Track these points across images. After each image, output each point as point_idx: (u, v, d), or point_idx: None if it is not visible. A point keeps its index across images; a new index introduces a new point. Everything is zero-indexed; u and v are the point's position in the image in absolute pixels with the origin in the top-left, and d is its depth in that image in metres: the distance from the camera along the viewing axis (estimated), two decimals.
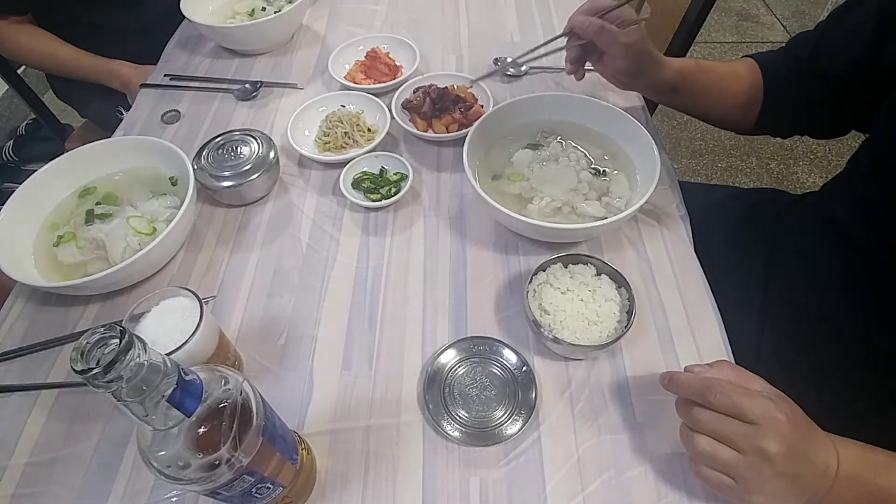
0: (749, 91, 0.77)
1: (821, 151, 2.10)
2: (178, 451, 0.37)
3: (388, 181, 0.80)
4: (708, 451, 0.48)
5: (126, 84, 1.17)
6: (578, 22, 0.73)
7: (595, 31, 0.71)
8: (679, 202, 0.78)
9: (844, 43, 0.67)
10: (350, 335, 0.66)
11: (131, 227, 0.72)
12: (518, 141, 0.81)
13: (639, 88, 0.82)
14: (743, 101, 0.78)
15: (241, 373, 0.43)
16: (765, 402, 0.46)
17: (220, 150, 0.79)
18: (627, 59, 0.73)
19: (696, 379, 0.50)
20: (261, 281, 0.72)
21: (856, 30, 0.65)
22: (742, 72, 0.78)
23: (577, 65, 0.80)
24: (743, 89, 0.78)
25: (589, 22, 0.71)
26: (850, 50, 0.66)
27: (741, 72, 0.78)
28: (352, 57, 1.00)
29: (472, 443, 0.57)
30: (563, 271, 0.64)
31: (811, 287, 0.72)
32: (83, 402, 0.62)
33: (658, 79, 0.76)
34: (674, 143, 2.16)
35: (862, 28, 0.65)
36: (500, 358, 0.62)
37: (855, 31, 0.66)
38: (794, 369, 0.70)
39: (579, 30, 0.73)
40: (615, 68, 0.76)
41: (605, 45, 0.72)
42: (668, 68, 0.76)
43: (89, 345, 0.32)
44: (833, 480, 0.47)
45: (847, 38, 0.67)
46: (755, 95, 0.77)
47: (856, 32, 0.65)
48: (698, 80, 0.78)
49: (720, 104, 0.80)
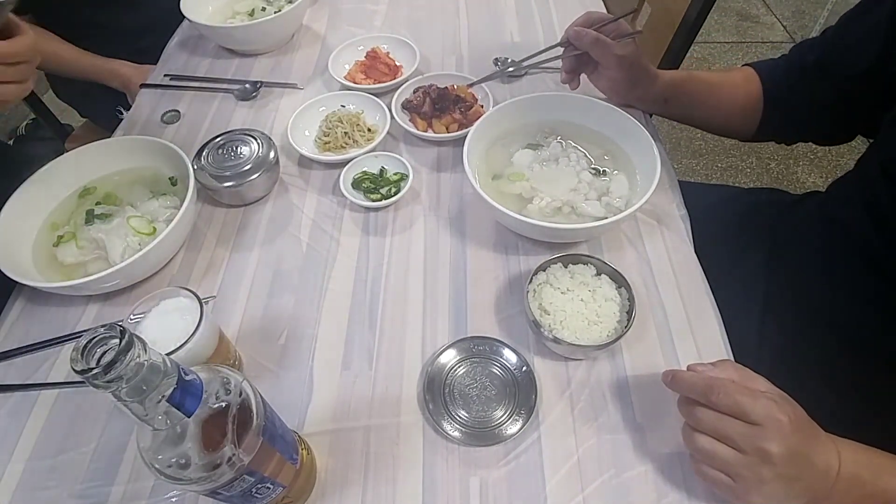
0: (747, 99, 0.78)
1: (821, 151, 2.10)
2: (178, 452, 0.37)
3: (388, 181, 0.80)
4: (708, 450, 0.48)
5: (126, 84, 1.17)
6: (574, 33, 0.75)
7: (590, 43, 0.73)
8: (679, 202, 0.78)
9: (855, 49, 0.67)
10: (350, 335, 0.66)
11: (131, 227, 0.72)
12: (518, 141, 0.81)
13: (632, 101, 0.83)
14: (741, 110, 0.79)
15: (241, 373, 0.43)
16: (767, 403, 0.46)
17: (220, 150, 0.79)
18: (621, 70, 0.75)
19: (699, 378, 0.50)
20: (261, 281, 0.72)
21: (867, 36, 0.65)
22: (738, 80, 0.79)
23: (573, 74, 0.82)
24: (740, 98, 0.78)
25: (585, 33, 0.73)
26: (861, 56, 0.66)
27: (737, 80, 0.79)
28: (352, 57, 1.00)
29: (472, 443, 0.57)
30: (563, 271, 0.64)
31: (816, 287, 0.72)
32: (83, 402, 0.62)
33: (651, 91, 0.78)
34: (674, 143, 2.16)
35: (874, 34, 0.64)
36: (500, 358, 0.62)
37: (866, 37, 0.66)
38: (796, 369, 0.69)
39: (575, 40, 0.75)
40: (609, 79, 0.78)
41: (599, 56, 0.75)
42: (662, 80, 0.78)
43: (89, 345, 0.32)
44: (834, 482, 0.47)
45: (858, 44, 0.67)
46: (754, 103, 0.77)
47: (867, 38, 0.65)
48: (690, 91, 0.80)
49: (715, 113, 0.82)
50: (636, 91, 0.79)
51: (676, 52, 1.15)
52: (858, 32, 0.68)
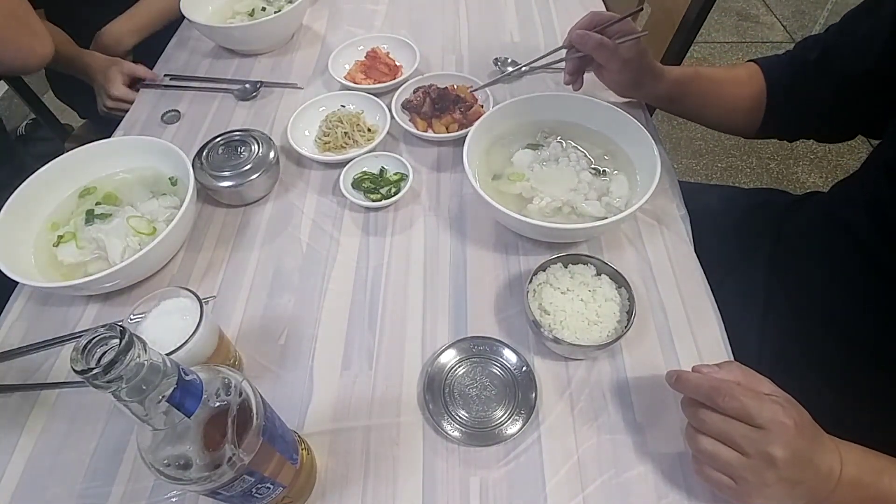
0: (751, 96, 0.77)
1: (821, 151, 2.10)
2: (177, 452, 0.37)
3: (388, 181, 0.80)
4: (711, 452, 0.48)
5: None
6: (578, 37, 0.73)
7: (594, 47, 0.72)
8: (679, 202, 0.78)
9: (858, 47, 0.67)
10: (350, 335, 0.66)
11: (131, 227, 0.72)
12: (518, 141, 0.81)
13: (638, 97, 0.83)
14: (745, 107, 0.78)
15: (241, 373, 0.43)
16: (773, 407, 0.46)
17: (220, 150, 0.79)
18: (626, 73, 0.74)
19: (704, 380, 0.50)
20: (261, 281, 0.72)
21: (870, 35, 0.65)
22: (744, 77, 0.78)
23: (576, 75, 0.81)
24: (744, 95, 0.78)
25: (588, 37, 0.72)
26: (864, 55, 0.65)
27: (743, 77, 0.78)
28: (352, 57, 1.00)
29: (472, 443, 0.56)
30: (563, 271, 0.64)
31: (817, 288, 0.72)
32: (83, 402, 0.62)
33: (657, 90, 0.77)
34: (674, 143, 2.16)
35: (877, 33, 0.64)
36: (500, 358, 0.62)
37: (869, 37, 0.65)
38: (796, 370, 0.69)
39: (578, 44, 0.74)
40: (614, 80, 0.77)
41: (604, 60, 0.73)
42: (667, 79, 0.76)
43: (89, 345, 0.32)
44: (836, 485, 0.47)
45: (861, 43, 0.66)
46: (758, 100, 0.77)
47: (870, 38, 0.65)
48: (697, 89, 0.79)
49: (721, 111, 0.80)
50: (641, 91, 0.79)
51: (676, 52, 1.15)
52: (861, 31, 0.67)
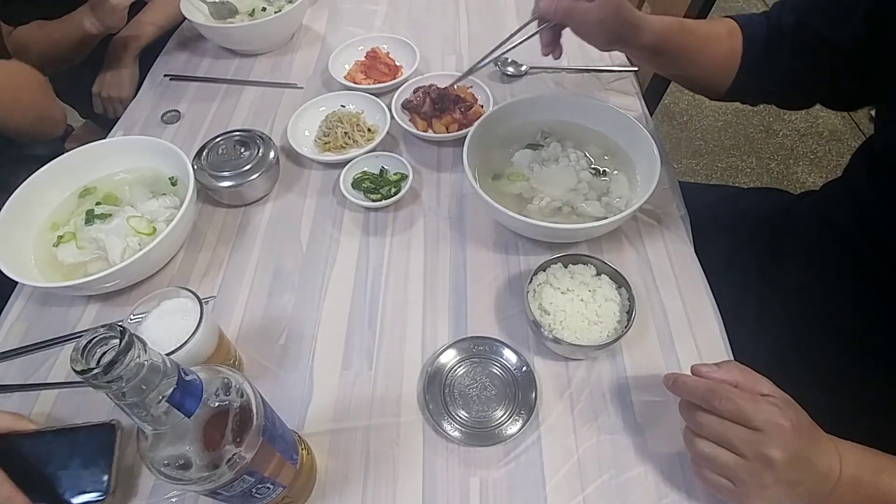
0: (728, 54, 0.73)
1: (821, 151, 2.10)
2: (177, 452, 0.37)
3: (388, 181, 0.80)
4: (709, 454, 0.48)
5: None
6: (545, 6, 0.67)
7: (564, 15, 0.66)
8: (679, 202, 0.78)
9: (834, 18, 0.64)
10: (350, 335, 0.66)
11: (131, 227, 0.72)
12: (518, 141, 0.81)
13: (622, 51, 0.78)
14: (722, 66, 0.74)
15: (241, 373, 0.43)
16: (769, 408, 0.46)
17: (220, 150, 0.79)
18: (604, 31, 0.67)
19: (700, 382, 0.50)
20: (261, 281, 0.72)
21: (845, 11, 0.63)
22: (723, 34, 0.74)
23: (553, 45, 0.74)
24: (723, 52, 0.73)
25: (555, 6, 0.66)
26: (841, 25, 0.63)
27: (722, 34, 0.74)
28: (352, 57, 1.00)
29: (472, 443, 0.57)
30: (563, 271, 0.64)
31: (811, 288, 0.72)
32: (83, 402, 0.62)
33: (639, 42, 0.70)
34: (674, 143, 2.16)
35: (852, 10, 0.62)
36: (500, 358, 0.62)
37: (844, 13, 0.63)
38: (792, 370, 0.69)
39: (548, 15, 0.68)
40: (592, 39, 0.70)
41: (577, 26, 0.68)
42: (650, 30, 0.69)
43: (89, 345, 0.32)
44: (835, 485, 0.47)
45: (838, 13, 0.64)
46: (733, 59, 0.73)
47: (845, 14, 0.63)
48: (682, 43, 0.73)
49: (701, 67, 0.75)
50: (624, 45, 0.71)
51: None
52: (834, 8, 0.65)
